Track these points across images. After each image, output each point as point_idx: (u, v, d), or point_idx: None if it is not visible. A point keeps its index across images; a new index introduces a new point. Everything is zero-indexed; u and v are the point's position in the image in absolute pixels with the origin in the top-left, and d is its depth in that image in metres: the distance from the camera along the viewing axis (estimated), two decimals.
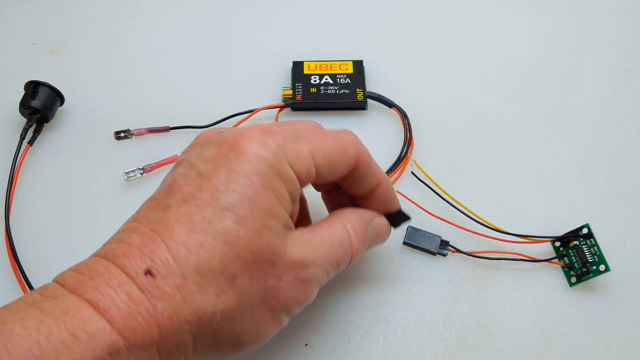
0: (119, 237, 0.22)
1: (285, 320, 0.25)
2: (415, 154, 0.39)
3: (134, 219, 0.23)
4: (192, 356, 0.22)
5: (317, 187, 0.31)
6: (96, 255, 0.22)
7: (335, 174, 0.26)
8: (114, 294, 0.20)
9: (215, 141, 0.24)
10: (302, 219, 0.30)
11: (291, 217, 0.25)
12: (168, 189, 0.23)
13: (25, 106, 0.39)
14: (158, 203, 0.23)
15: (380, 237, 0.29)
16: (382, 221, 0.29)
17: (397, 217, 0.30)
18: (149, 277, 0.21)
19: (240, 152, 0.23)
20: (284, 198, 0.23)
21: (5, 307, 0.20)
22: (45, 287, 0.21)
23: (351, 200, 0.30)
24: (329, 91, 0.41)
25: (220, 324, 0.22)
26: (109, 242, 0.23)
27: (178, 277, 0.21)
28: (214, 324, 0.22)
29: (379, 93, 0.42)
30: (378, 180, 0.28)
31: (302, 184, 0.24)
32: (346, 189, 0.29)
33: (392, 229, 0.30)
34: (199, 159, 0.23)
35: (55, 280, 0.22)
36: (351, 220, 0.27)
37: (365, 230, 0.27)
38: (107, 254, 0.22)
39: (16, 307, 0.20)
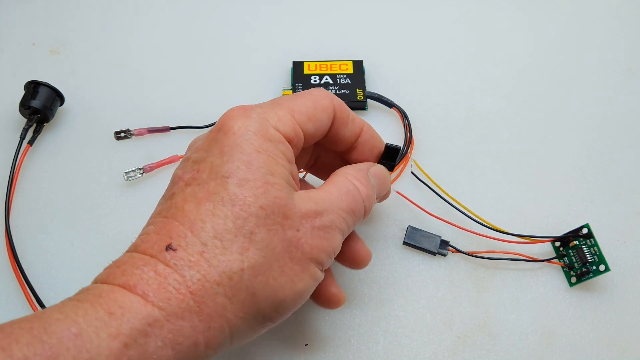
0: (139, 234, 0.24)
1: (318, 273, 0.25)
2: (415, 154, 0.39)
3: (149, 218, 0.25)
4: (235, 322, 0.22)
5: (316, 166, 0.33)
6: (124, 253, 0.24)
7: (320, 127, 0.27)
8: (142, 273, 0.21)
9: (203, 135, 0.26)
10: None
11: (293, 179, 0.26)
12: (171, 184, 0.25)
13: (25, 106, 0.39)
14: (164, 197, 0.25)
15: (383, 184, 0.30)
16: (379, 167, 0.30)
17: (388, 156, 0.31)
18: (171, 251, 0.22)
19: (227, 130, 0.24)
20: (278, 157, 0.24)
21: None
22: (81, 288, 0.22)
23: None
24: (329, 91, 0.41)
25: (252, 281, 0.22)
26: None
27: (198, 245, 0.22)
28: (245, 282, 0.22)
29: (379, 93, 0.42)
30: (359, 125, 0.30)
31: (293, 143, 0.26)
32: (335, 146, 0.30)
33: (390, 173, 0.31)
34: (191, 152, 0.25)
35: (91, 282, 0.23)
36: (350, 172, 0.28)
37: (366, 178, 0.28)
38: (130, 248, 0.23)
39: (54, 304, 0.21)
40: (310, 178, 0.36)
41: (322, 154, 0.32)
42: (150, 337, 0.20)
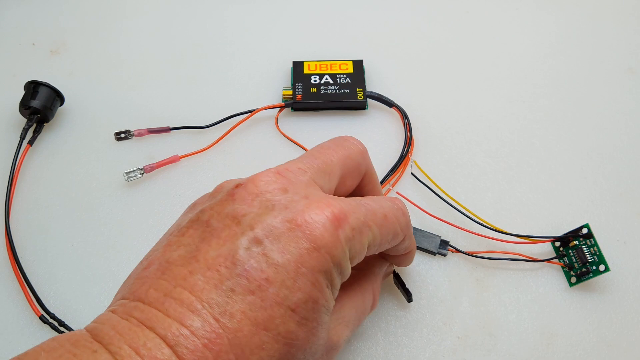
0: (179, 317, 0.19)
1: None
2: (415, 154, 0.39)
3: (186, 283, 0.20)
4: None
5: None
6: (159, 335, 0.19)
7: (377, 252, 0.26)
8: None
9: (278, 209, 0.22)
10: None
11: None
12: (231, 264, 0.20)
13: (25, 106, 0.39)
14: (220, 281, 0.20)
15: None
16: (389, 266, 0.31)
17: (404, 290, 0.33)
18: None
19: (311, 242, 0.21)
20: (336, 290, 0.23)
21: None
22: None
23: None
24: (329, 91, 0.41)
25: None
26: (162, 315, 0.20)
27: None
28: None
29: (379, 93, 0.42)
30: (411, 246, 0.29)
31: None
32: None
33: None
34: (264, 232, 0.21)
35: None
36: (377, 283, 0.29)
37: (380, 286, 0.29)
38: (169, 342, 0.19)
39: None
40: None
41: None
42: None
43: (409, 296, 0.33)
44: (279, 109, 0.41)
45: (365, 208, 0.24)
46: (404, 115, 0.40)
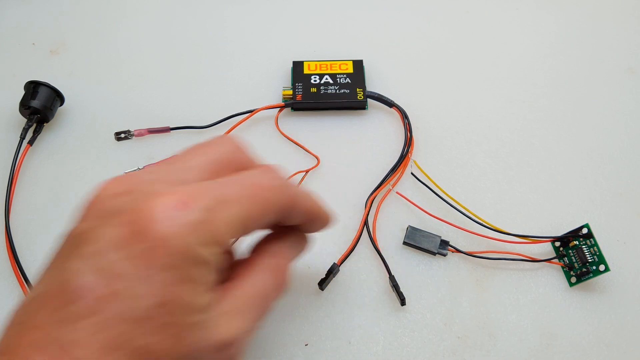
0: (24, 353, 0.18)
1: None
2: (415, 154, 0.39)
3: (32, 324, 0.19)
4: None
5: None
6: None
7: (261, 227, 0.24)
8: None
9: (119, 214, 0.20)
10: None
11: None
12: (68, 290, 0.19)
13: (25, 106, 0.39)
14: (56, 309, 0.18)
15: (299, 253, 0.27)
16: (300, 238, 0.27)
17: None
18: None
19: (153, 238, 0.19)
20: (205, 282, 0.20)
21: None
22: None
23: None
24: (329, 91, 0.41)
25: None
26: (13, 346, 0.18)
27: None
28: None
29: (379, 93, 0.42)
30: (311, 212, 0.26)
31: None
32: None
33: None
34: (105, 244, 0.19)
35: None
36: (280, 260, 0.25)
37: (288, 263, 0.25)
38: None
39: None
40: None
41: None
42: None
43: (402, 299, 0.33)
44: (279, 109, 0.41)
45: (223, 185, 0.22)
46: (404, 115, 0.40)
